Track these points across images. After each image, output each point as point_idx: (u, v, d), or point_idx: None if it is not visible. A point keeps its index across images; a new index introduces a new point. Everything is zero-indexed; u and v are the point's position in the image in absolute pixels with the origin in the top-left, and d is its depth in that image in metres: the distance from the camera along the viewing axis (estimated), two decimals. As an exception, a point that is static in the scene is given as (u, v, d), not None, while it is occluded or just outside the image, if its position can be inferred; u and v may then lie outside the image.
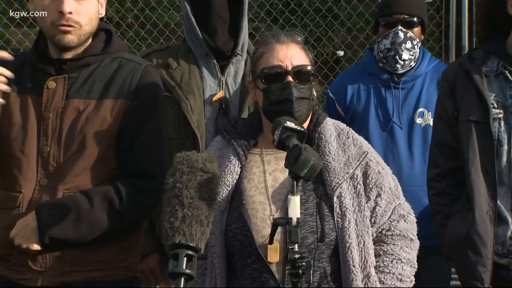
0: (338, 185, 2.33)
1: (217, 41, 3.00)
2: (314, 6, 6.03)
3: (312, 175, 1.98)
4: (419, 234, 2.44)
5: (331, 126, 2.45)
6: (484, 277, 2.55)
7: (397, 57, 3.33)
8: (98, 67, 2.48)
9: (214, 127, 2.96)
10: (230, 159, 2.40)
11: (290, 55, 2.37)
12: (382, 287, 2.33)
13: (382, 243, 2.38)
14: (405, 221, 2.41)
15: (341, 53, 5.98)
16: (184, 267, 1.73)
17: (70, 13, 2.37)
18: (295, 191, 2.03)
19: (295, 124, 2.12)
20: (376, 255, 2.36)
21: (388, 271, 2.35)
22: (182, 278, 1.73)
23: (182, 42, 3.16)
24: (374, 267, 2.34)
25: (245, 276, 2.33)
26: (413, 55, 3.36)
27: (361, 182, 2.37)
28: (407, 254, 2.38)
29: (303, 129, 2.14)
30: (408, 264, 2.37)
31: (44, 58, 2.48)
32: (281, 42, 2.40)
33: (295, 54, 2.38)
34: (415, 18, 3.38)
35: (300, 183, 2.14)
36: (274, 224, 2.11)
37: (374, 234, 2.37)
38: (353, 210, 2.32)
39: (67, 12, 2.37)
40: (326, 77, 5.69)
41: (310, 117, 2.45)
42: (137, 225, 2.52)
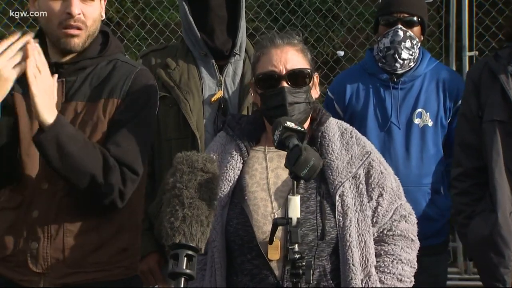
0: (340, 184, 2.34)
1: (215, 41, 3.01)
2: (314, 6, 6.02)
3: (312, 175, 1.99)
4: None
5: (335, 126, 2.46)
6: (506, 278, 2.55)
7: (396, 56, 3.33)
8: (94, 70, 2.48)
9: (213, 127, 2.97)
10: (232, 155, 2.41)
11: (285, 59, 2.37)
12: (382, 287, 2.33)
13: (383, 243, 2.39)
14: (406, 221, 2.42)
15: (341, 53, 5.98)
16: (184, 267, 1.73)
17: (79, 14, 2.37)
18: (295, 191, 2.04)
19: (295, 124, 2.13)
20: (377, 255, 2.37)
21: (388, 271, 2.35)
22: (182, 278, 1.73)
23: (180, 42, 3.16)
24: (375, 267, 2.35)
25: (244, 272, 2.33)
26: (412, 55, 3.36)
27: (363, 182, 2.38)
28: (408, 254, 2.39)
29: (303, 129, 2.14)
30: (408, 264, 2.38)
31: None
32: (276, 46, 2.40)
33: (290, 58, 2.38)
34: (415, 18, 3.38)
35: (302, 182, 2.15)
36: (274, 224, 2.12)
37: (376, 234, 2.38)
38: (354, 209, 2.33)
39: (76, 14, 2.36)
40: (326, 77, 5.68)
41: (313, 116, 2.46)
42: (109, 197, 2.35)
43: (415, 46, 3.36)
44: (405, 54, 3.33)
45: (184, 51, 3.08)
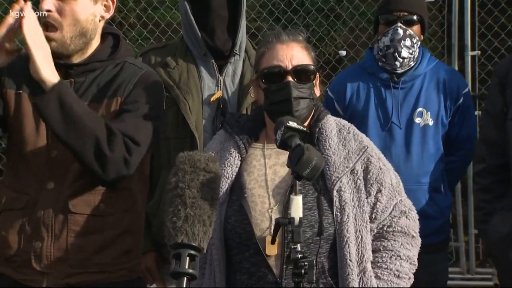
0: (338, 179, 2.34)
1: (216, 40, 3.01)
2: (316, 5, 6.02)
3: (314, 175, 1.99)
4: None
5: (333, 122, 2.47)
6: None
7: (396, 54, 3.33)
8: (103, 72, 2.48)
9: (212, 128, 2.97)
10: (230, 152, 2.41)
11: (291, 55, 2.38)
12: (378, 283, 2.32)
13: (383, 239, 2.38)
14: (406, 217, 2.41)
15: (343, 53, 5.97)
16: (186, 267, 1.73)
17: (49, 11, 2.34)
18: (297, 191, 2.04)
19: (298, 124, 2.13)
20: (376, 251, 2.37)
21: (386, 267, 2.35)
22: (185, 278, 1.73)
23: (180, 41, 3.16)
24: (373, 262, 2.34)
25: (242, 270, 2.33)
26: (412, 54, 3.36)
27: (361, 177, 2.38)
28: (407, 251, 2.38)
29: (306, 129, 2.15)
30: (407, 261, 2.37)
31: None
32: (282, 42, 2.41)
33: (296, 54, 2.39)
34: (415, 16, 3.38)
35: None
36: (276, 224, 2.12)
37: (375, 230, 2.38)
38: (352, 205, 2.33)
39: (45, 9, 2.33)
40: (329, 76, 5.67)
41: (312, 114, 2.46)
42: (114, 165, 2.31)
43: (415, 45, 3.36)
44: (405, 53, 3.33)
45: (183, 50, 3.07)
